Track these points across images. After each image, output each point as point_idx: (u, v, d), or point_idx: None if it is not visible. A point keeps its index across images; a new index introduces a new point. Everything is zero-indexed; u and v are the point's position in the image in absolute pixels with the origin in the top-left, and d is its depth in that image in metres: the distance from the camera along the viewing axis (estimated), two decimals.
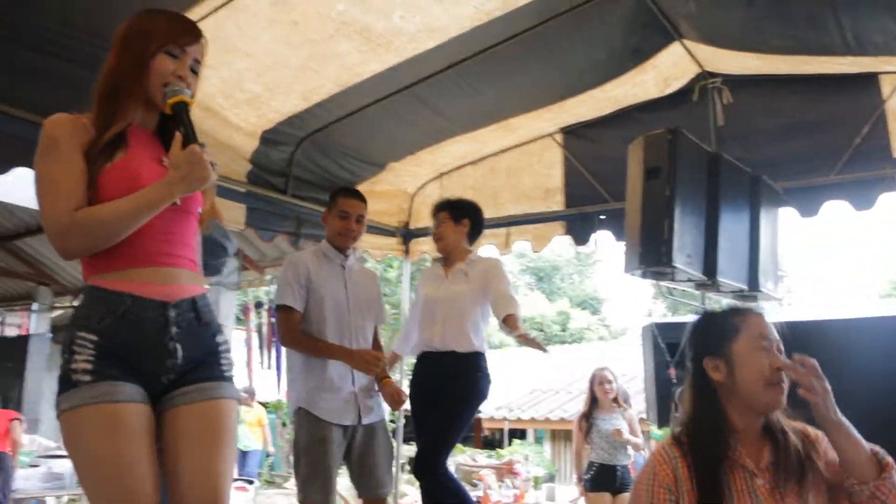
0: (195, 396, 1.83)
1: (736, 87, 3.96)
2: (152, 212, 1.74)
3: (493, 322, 3.65)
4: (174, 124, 1.84)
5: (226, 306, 6.81)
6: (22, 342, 10.47)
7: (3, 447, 5.50)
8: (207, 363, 1.88)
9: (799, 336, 2.04)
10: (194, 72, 1.89)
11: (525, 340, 3.35)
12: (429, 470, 3.47)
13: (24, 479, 5.88)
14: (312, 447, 3.14)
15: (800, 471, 1.83)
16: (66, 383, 1.69)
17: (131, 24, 1.86)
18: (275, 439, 12.13)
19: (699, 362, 1.94)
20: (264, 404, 11.66)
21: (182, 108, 1.81)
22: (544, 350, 3.51)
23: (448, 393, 3.55)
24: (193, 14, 3.10)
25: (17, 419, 5.53)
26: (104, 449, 1.66)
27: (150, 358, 1.78)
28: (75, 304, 1.80)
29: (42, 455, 6.32)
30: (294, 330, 3.30)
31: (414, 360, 3.87)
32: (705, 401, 1.91)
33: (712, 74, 3.97)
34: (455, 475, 3.62)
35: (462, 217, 3.81)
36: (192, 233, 1.92)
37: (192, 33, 1.88)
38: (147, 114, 1.90)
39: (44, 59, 3.02)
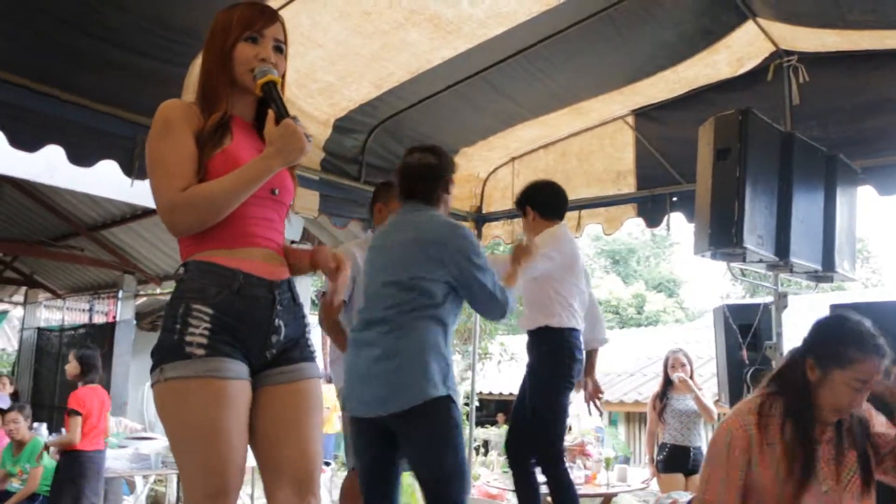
0: (293, 376, 1.93)
1: (812, 65, 3.87)
2: (253, 186, 1.81)
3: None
4: (268, 107, 1.92)
5: (302, 291, 6.93)
6: (109, 329, 10.85)
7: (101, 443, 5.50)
8: (300, 343, 1.99)
9: (880, 316, 2.13)
10: (279, 51, 1.96)
11: None
12: (518, 462, 3.59)
13: (113, 460, 6.07)
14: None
15: (860, 443, 2.09)
16: (177, 353, 1.76)
17: (214, 21, 1.96)
18: None
19: (804, 355, 2.12)
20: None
21: (272, 87, 1.88)
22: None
23: (530, 374, 3.60)
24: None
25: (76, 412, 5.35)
26: (207, 420, 1.75)
27: (258, 333, 1.87)
28: (159, 290, 1.89)
29: (130, 437, 6.58)
30: (330, 318, 3.42)
31: None
32: (794, 381, 2.10)
33: (788, 53, 3.89)
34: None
35: (523, 206, 3.84)
36: (283, 220, 2.02)
37: (267, 15, 1.95)
38: (244, 103, 1.97)
39: (133, 58, 3.18)
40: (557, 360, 3.55)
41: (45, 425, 6.84)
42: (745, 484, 2.04)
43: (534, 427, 3.55)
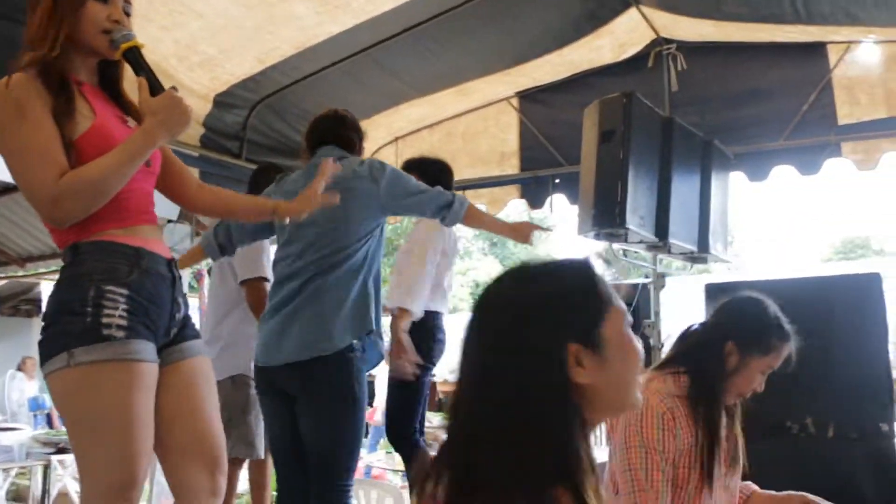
0: (189, 353, 1.88)
1: (690, 54, 4.03)
2: (137, 163, 1.71)
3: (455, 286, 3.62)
4: (117, 72, 1.83)
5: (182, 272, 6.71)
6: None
7: None
8: (188, 321, 1.94)
9: None
10: (127, 14, 1.81)
11: None
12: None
13: None
14: None
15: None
16: (93, 336, 1.65)
17: None
18: None
19: (724, 339, 2.01)
20: None
21: (137, 53, 1.75)
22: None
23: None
24: None
25: None
26: (122, 406, 1.65)
27: (165, 313, 1.81)
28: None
29: None
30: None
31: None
32: (710, 364, 2.00)
33: (667, 41, 4.03)
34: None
35: (434, 183, 3.73)
36: (153, 193, 1.92)
37: None
38: (89, 68, 1.83)
39: None
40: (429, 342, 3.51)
41: None
42: None
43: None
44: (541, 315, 1.06)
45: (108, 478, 1.65)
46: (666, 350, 2.79)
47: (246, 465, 3.71)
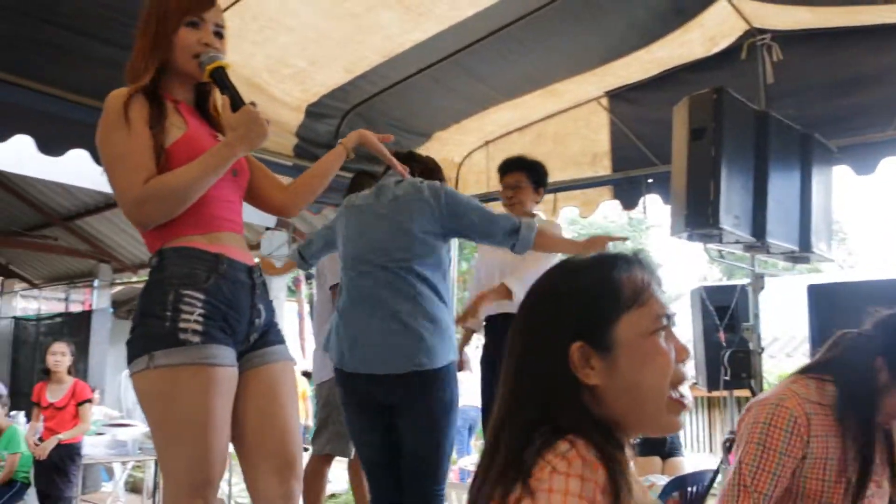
0: (271, 358, 1.95)
1: (786, 43, 3.85)
2: (217, 173, 1.80)
3: None
4: (209, 93, 1.94)
5: (277, 279, 6.93)
6: (85, 317, 10.84)
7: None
8: (272, 328, 2.00)
9: (859, 297, 2.01)
10: (220, 36, 1.94)
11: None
12: None
13: (91, 447, 6.08)
14: None
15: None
16: (169, 340, 1.72)
17: (148, 8, 1.91)
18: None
19: (875, 353, 1.89)
20: (306, 375, 11.53)
21: (222, 73, 1.87)
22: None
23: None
24: None
25: (89, 400, 5.62)
26: (199, 409, 1.73)
27: (244, 318, 1.87)
28: (135, 278, 1.86)
29: (107, 424, 6.55)
30: None
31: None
32: (861, 377, 1.89)
33: (761, 31, 3.86)
34: None
35: (541, 186, 3.78)
36: (241, 203, 2.02)
37: (205, 0, 1.92)
38: (185, 89, 1.96)
39: (98, 45, 3.10)
40: None
41: (22, 413, 6.78)
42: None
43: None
44: (547, 309, 1.05)
45: (186, 477, 1.73)
46: (767, 354, 2.69)
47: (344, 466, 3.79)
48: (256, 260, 1.99)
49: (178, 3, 1.89)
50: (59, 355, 5.59)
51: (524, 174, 3.72)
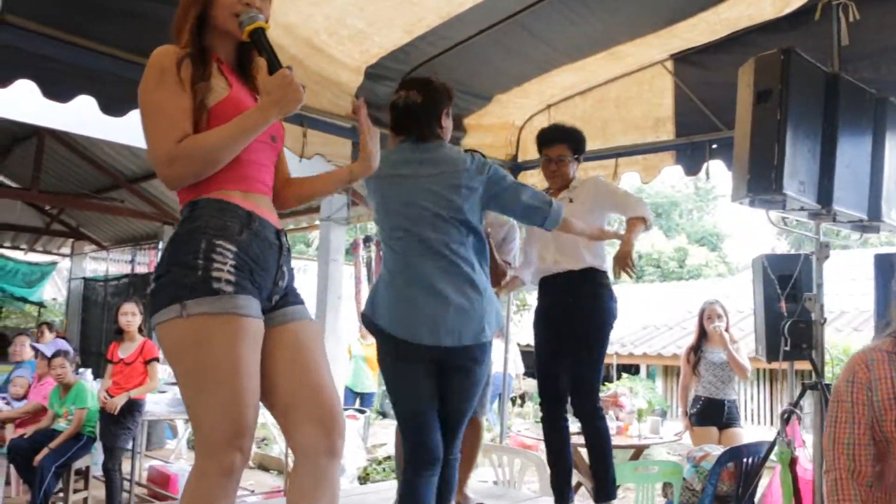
0: (294, 316, 1.95)
1: (863, 3, 3.65)
2: (249, 137, 1.81)
3: (608, 259, 3.56)
4: (251, 54, 1.93)
5: (336, 241, 6.99)
6: (150, 279, 11.11)
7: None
8: (292, 290, 2.01)
9: None
10: None
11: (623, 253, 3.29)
12: (588, 411, 3.52)
13: (153, 404, 6.29)
14: None
15: None
16: (202, 289, 1.73)
17: None
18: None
19: None
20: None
21: (261, 34, 1.86)
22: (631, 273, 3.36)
23: (576, 317, 3.51)
24: None
25: (156, 359, 5.82)
26: (231, 358, 1.73)
27: (269, 277, 1.89)
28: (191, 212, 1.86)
29: (169, 382, 6.74)
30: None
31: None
32: None
33: None
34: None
35: (580, 152, 3.77)
36: (274, 167, 2.04)
37: None
38: (226, 48, 1.97)
39: (159, 6, 3.12)
40: (611, 301, 3.57)
41: (89, 371, 7.04)
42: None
43: (585, 374, 3.52)
44: None
45: (219, 427, 1.72)
46: (833, 328, 2.65)
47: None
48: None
49: None
50: (130, 315, 5.78)
51: (566, 147, 3.72)
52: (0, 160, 10.94)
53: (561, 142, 3.74)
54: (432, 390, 2.77)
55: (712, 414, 5.30)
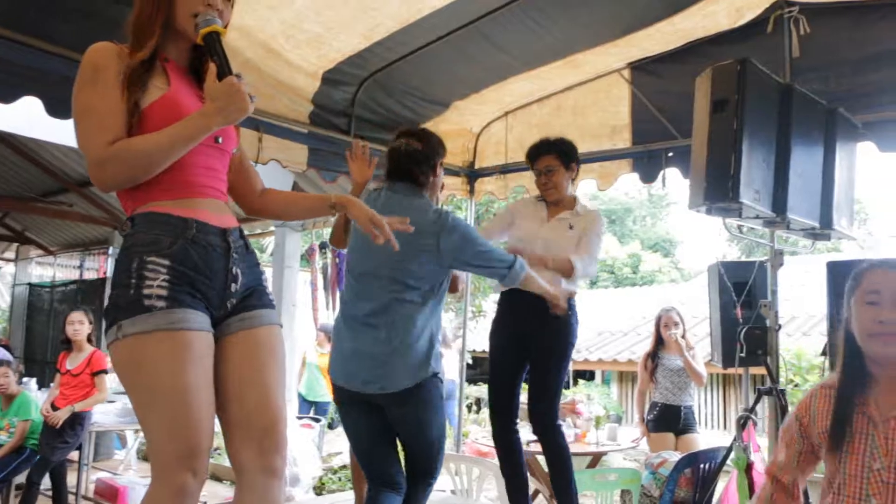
0: (251, 322, 1.87)
1: (814, 16, 3.74)
2: (189, 144, 1.74)
3: None
4: (207, 57, 1.82)
5: (291, 246, 6.91)
6: (100, 285, 10.82)
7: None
8: (258, 290, 1.93)
9: None
10: None
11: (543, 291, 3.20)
12: (547, 425, 3.48)
13: (101, 415, 6.11)
14: None
15: None
16: (136, 308, 1.67)
17: None
18: None
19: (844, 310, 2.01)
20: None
21: (215, 39, 1.78)
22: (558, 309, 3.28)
23: (546, 337, 3.46)
24: None
25: (105, 371, 5.62)
26: (173, 376, 1.65)
27: (216, 282, 1.80)
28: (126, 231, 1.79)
29: (118, 391, 6.57)
30: None
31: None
32: (847, 347, 1.98)
33: (789, 3, 3.76)
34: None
35: (571, 161, 3.66)
36: (226, 170, 1.96)
37: None
38: (180, 48, 1.89)
39: (111, 6, 3.04)
40: (576, 324, 3.56)
41: (34, 380, 6.83)
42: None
43: (548, 388, 3.50)
44: None
45: (167, 448, 1.66)
46: (784, 332, 2.70)
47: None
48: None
49: None
50: (78, 324, 5.60)
51: (554, 156, 3.62)
52: None
53: (546, 153, 3.66)
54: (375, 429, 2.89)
55: (669, 420, 5.35)
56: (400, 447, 2.94)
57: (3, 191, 10.55)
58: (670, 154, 4.46)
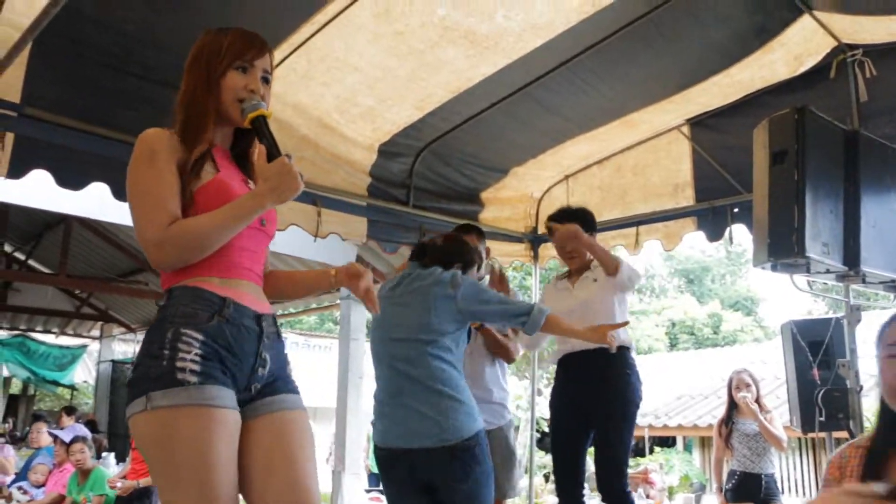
0: (279, 406, 1.86)
1: (880, 58, 3.59)
2: (242, 224, 1.78)
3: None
4: (249, 140, 1.91)
5: (356, 319, 6.92)
6: None
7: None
8: (282, 377, 1.92)
9: None
10: (266, 82, 1.93)
11: None
12: (616, 493, 3.34)
13: None
14: None
15: None
16: (167, 381, 1.67)
17: (201, 44, 1.92)
18: None
19: None
20: None
21: (263, 122, 1.85)
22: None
23: (606, 401, 3.36)
24: (301, 33, 3.20)
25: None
26: (201, 452, 1.64)
27: (245, 364, 1.80)
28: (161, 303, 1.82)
29: None
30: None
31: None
32: (881, 404, 1.84)
33: (851, 46, 3.62)
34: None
35: (591, 230, 3.68)
36: (265, 252, 1.99)
37: (258, 46, 1.91)
38: (224, 133, 1.95)
39: (172, 94, 3.16)
40: (637, 382, 3.43)
41: (112, 454, 6.97)
42: None
43: (614, 454, 3.37)
44: None
45: None
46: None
47: None
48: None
49: (231, 46, 1.88)
50: None
51: (579, 223, 3.62)
52: (31, 247, 11.13)
53: (571, 218, 3.66)
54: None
55: (749, 489, 5.04)
56: None
57: (86, 272, 11.01)
58: (736, 210, 4.31)
